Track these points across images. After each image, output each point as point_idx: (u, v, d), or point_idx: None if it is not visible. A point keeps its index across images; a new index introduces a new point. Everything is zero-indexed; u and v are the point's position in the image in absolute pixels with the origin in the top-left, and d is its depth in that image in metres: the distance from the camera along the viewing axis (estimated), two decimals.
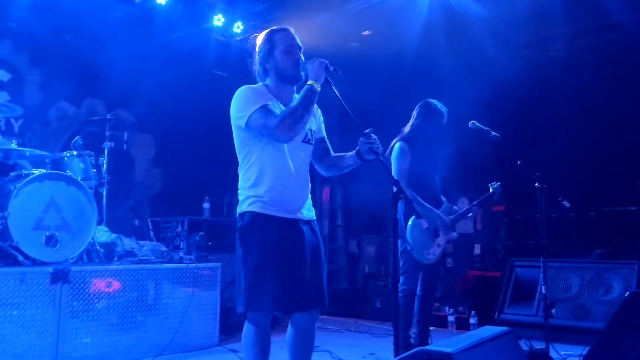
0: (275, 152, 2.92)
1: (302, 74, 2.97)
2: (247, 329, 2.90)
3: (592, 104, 6.14)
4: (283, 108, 2.93)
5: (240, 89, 2.97)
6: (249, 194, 2.94)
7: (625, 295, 3.47)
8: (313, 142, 3.09)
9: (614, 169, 6.11)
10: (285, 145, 2.93)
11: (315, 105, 3.03)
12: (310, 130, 3.05)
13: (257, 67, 3.08)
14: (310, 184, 3.11)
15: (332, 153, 3.19)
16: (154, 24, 6.52)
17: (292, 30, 3.06)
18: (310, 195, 3.09)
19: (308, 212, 3.04)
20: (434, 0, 6.14)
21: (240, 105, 2.91)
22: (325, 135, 3.21)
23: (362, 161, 2.96)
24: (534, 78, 6.48)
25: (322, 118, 3.21)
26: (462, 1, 6.07)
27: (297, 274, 2.86)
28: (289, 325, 3.06)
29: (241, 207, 2.97)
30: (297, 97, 3.01)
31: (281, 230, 2.88)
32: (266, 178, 2.91)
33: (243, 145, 2.98)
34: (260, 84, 3.06)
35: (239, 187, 3.01)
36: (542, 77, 6.48)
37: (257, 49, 3.07)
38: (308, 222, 3.02)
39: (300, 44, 3.04)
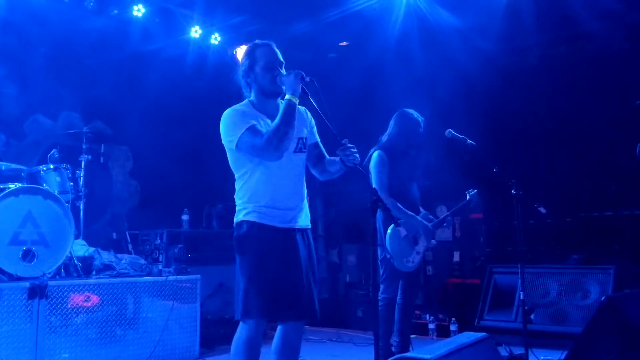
0: (269, 167, 2.98)
1: (283, 87, 3.00)
2: (240, 335, 2.94)
3: (566, 112, 6.23)
4: (269, 122, 2.99)
5: (225, 112, 3.04)
6: (246, 204, 3.01)
7: (602, 299, 3.52)
8: (306, 150, 3.13)
9: (589, 175, 6.20)
10: None
11: (305, 110, 3.14)
12: (301, 138, 3.09)
13: (241, 81, 3.14)
14: (306, 191, 3.15)
15: (327, 157, 3.23)
16: (130, 36, 6.49)
17: (274, 45, 3.10)
18: (307, 202, 3.15)
19: (304, 220, 3.09)
20: (409, 10, 6.21)
21: (229, 129, 2.98)
22: (318, 140, 3.25)
23: (346, 167, 3.00)
24: (508, 86, 6.58)
25: (313, 122, 3.23)
26: (437, 12, 6.15)
27: (292, 283, 2.92)
28: (276, 335, 3.08)
29: (237, 217, 3.04)
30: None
31: (276, 239, 2.95)
32: (261, 193, 2.98)
33: (238, 165, 3.05)
34: (245, 101, 3.12)
35: (236, 198, 3.08)
36: (516, 86, 6.58)
37: (240, 65, 3.13)
38: (302, 232, 3.07)
39: (282, 59, 3.09)
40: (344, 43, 7.32)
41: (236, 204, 3.09)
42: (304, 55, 7.03)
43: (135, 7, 6.34)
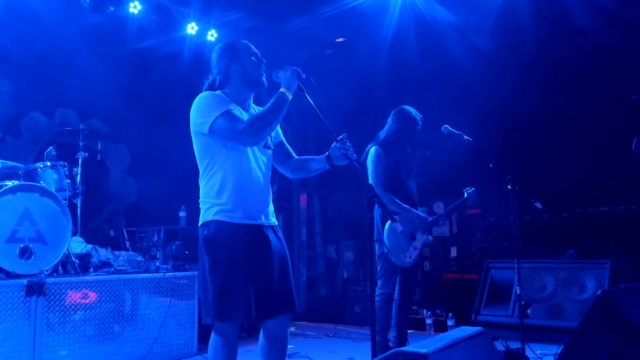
0: (238, 159, 2.90)
1: (264, 81, 3.00)
2: (215, 339, 2.85)
3: (562, 107, 6.25)
4: (244, 113, 2.95)
5: (200, 94, 2.95)
6: (214, 202, 2.90)
7: (598, 293, 3.54)
8: (272, 147, 3.10)
9: (585, 170, 6.22)
10: (248, 151, 2.93)
11: None
12: (270, 135, 3.06)
13: (216, 76, 3.05)
14: (271, 190, 3.11)
15: (295, 156, 3.21)
16: (127, 33, 6.48)
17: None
18: (272, 201, 3.08)
19: (272, 217, 3.03)
20: (404, 7, 6.22)
21: (203, 111, 2.87)
22: (283, 139, 3.22)
23: (331, 166, 2.99)
24: (504, 82, 6.59)
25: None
26: (432, 8, 6.15)
27: (264, 281, 2.83)
28: (261, 333, 3.02)
29: (205, 217, 2.92)
30: (254, 107, 3.05)
31: (247, 238, 2.86)
32: (230, 185, 2.88)
33: (205, 153, 2.95)
34: (218, 91, 3.03)
35: (202, 196, 2.97)
36: (512, 82, 6.59)
37: (217, 59, 3.07)
38: (271, 228, 3.00)
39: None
40: (341, 39, 7.32)
41: (201, 201, 2.96)
42: (301, 52, 7.02)
43: (131, 4, 6.34)
